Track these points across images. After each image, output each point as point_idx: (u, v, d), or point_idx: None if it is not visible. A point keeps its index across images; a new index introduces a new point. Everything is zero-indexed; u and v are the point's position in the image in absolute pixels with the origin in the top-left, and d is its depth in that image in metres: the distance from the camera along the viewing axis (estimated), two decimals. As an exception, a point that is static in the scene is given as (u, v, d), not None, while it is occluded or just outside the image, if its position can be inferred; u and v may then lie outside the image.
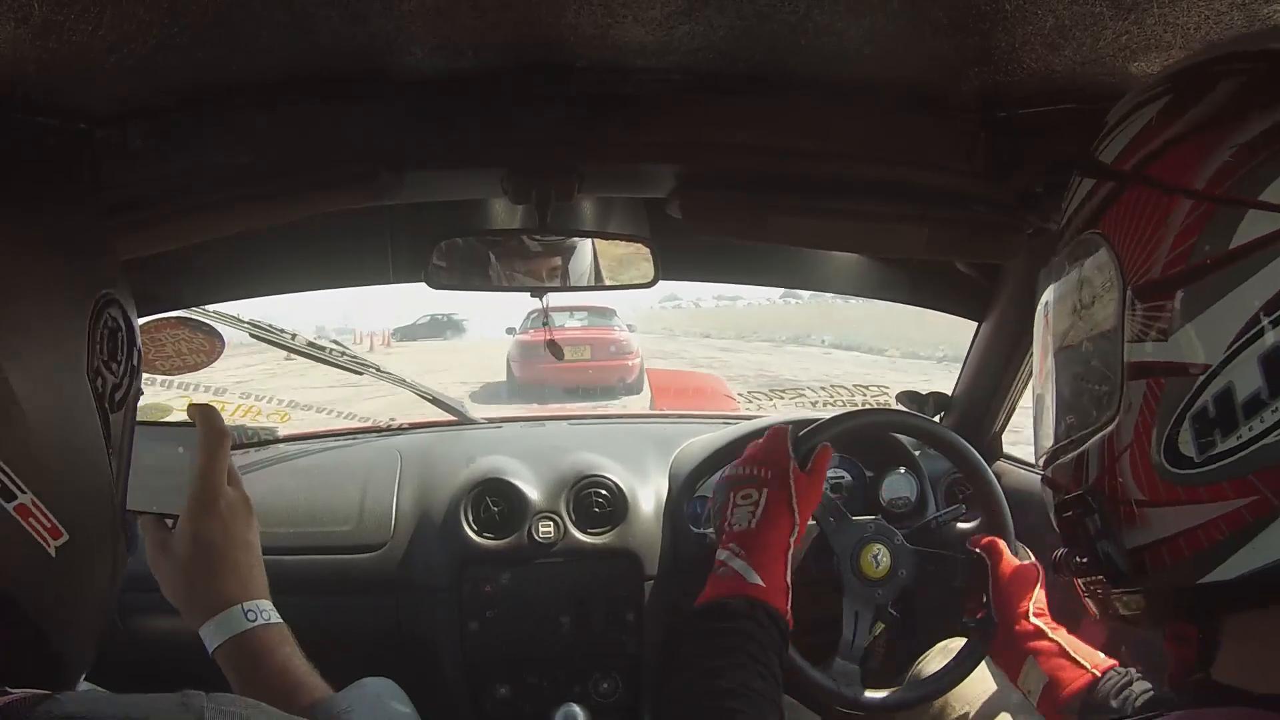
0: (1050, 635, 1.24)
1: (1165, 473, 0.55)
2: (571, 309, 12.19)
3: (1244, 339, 0.51)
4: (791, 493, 1.17)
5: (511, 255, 1.48)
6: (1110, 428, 0.59)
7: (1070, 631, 1.25)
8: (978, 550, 1.39)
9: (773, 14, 0.81)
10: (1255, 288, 0.51)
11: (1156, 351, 0.55)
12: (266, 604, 0.92)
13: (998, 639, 1.31)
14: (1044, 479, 0.70)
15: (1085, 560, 0.63)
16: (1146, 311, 0.56)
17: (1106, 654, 1.20)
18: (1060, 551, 0.67)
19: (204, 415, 0.92)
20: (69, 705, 0.53)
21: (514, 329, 12.67)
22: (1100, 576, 0.62)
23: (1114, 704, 1.11)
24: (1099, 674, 1.16)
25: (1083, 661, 1.18)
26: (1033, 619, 1.26)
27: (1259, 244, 0.51)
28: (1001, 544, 1.37)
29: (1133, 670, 1.15)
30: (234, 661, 0.88)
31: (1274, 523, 0.51)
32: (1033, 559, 1.36)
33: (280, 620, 0.92)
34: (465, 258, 1.46)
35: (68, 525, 0.61)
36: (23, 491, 0.57)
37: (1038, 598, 1.29)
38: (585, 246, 1.53)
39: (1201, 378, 0.53)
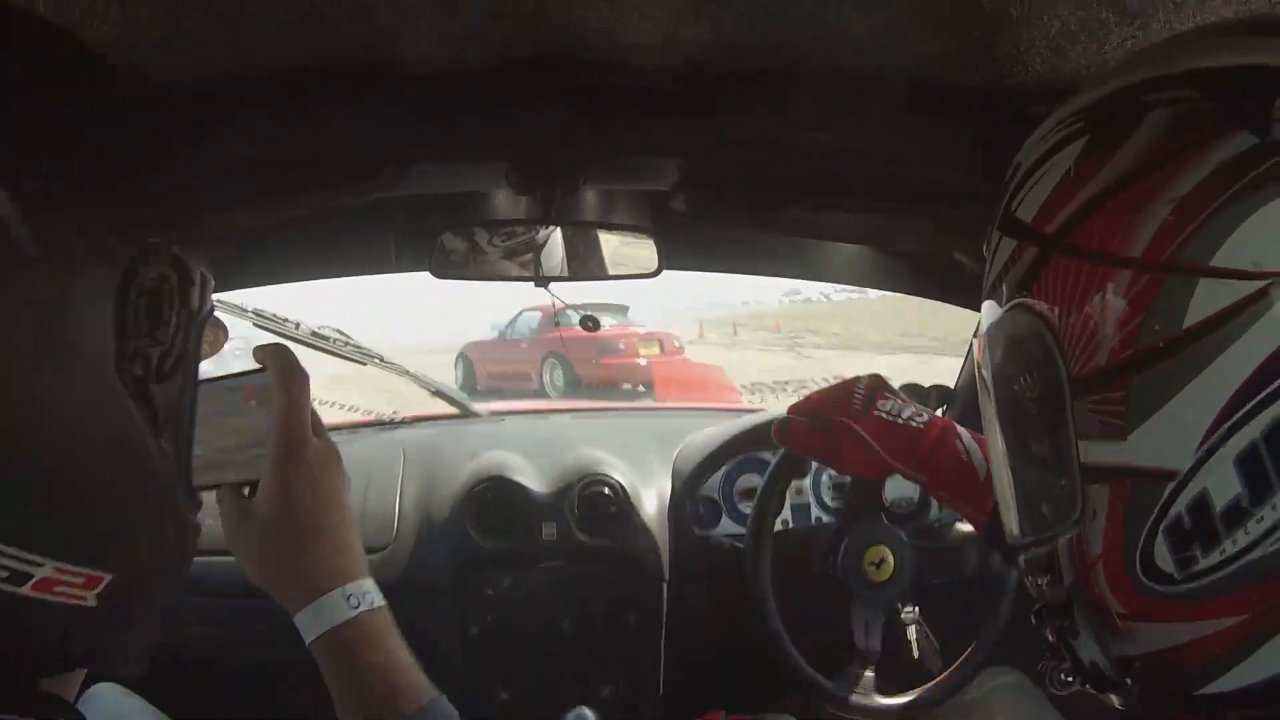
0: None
1: (1145, 589, 0.48)
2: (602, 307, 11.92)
3: (1214, 437, 0.43)
4: None
5: (516, 245, 1.48)
6: (1078, 537, 0.51)
7: None
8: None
9: (780, 11, 0.82)
10: (1221, 374, 0.43)
11: (1115, 453, 0.47)
12: (369, 583, 0.78)
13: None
14: (1021, 562, 0.61)
15: (1070, 679, 0.56)
16: (1096, 405, 0.48)
17: None
18: (1046, 664, 0.60)
19: (277, 354, 0.79)
20: None
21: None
22: (1088, 685, 0.56)
23: None
24: None
25: None
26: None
27: (1219, 320, 0.43)
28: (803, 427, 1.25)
29: None
30: (333, 655, 0.75)
31: (1271, 641, 0.44)
32: None
33: (384, 602, 0.79)
34: (469, 248, 1.46)
35: (106, 565, 0.52)
36: (38, 565, 0.48)
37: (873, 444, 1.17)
38: (589, 236, 1.53)
39: (1171, 485, 0.45)
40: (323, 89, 0.98)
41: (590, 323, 1.67)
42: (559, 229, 1.47)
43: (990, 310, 0.57)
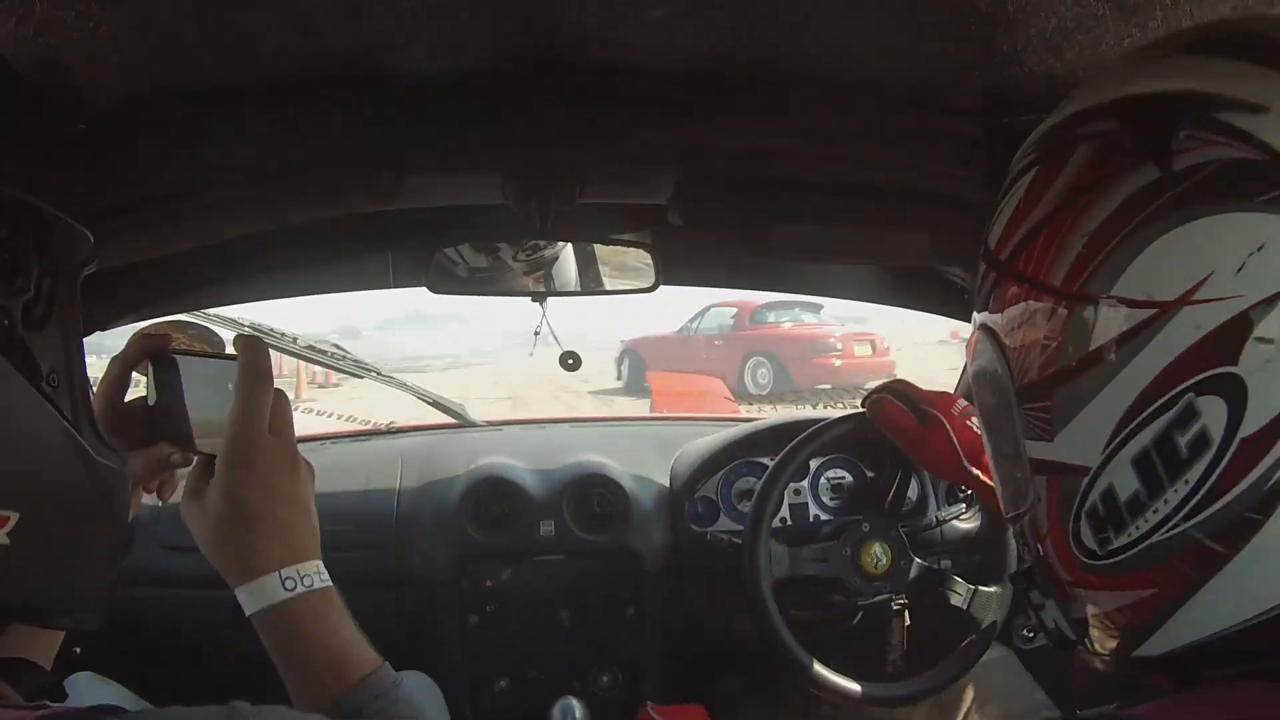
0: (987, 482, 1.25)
1: (1079, 561, 0.55)
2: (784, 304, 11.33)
3: (1116, 441, 0.50)
4: None
5: (513, 261, 1.48)
6: (1032, 516, 0.59)
7: None
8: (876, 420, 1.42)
9: (774, 15, 0.82)
10: (1120, 389, 0.49)
11: (1046, 451, 0.55)
12: (312, 565, 0.80)
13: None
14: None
15: (1031, 635, 0.63)
16: (1032, 412, 0.55)
17: None
18: (1016, 622, 0.67)
19: (246, 350, 0.80)
20: None
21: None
22: (1048, 644, 0.63)
23: None
24: None
25: None
26: (970, 469, 1.30)
27: (1116, 344, 0.49)
28: (894, 410, 1.38)
29: None
30: (272, 632, 0.77)
31: (1180, 610, 0.50)
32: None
33: (328, 583, 0.81)
34: (467, 263, 1.46)
35: (12, 502, 0.54)
36: None
37: (964, 446, 1.31)
38: (586, 252, 1.53)
39: (1086, 479, 0.52)
40: (318, 95, 0.98)
41: (571, 360, 1.65)
42: (569, 246, 1.48)
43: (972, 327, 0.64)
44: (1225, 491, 0.47)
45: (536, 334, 1.63)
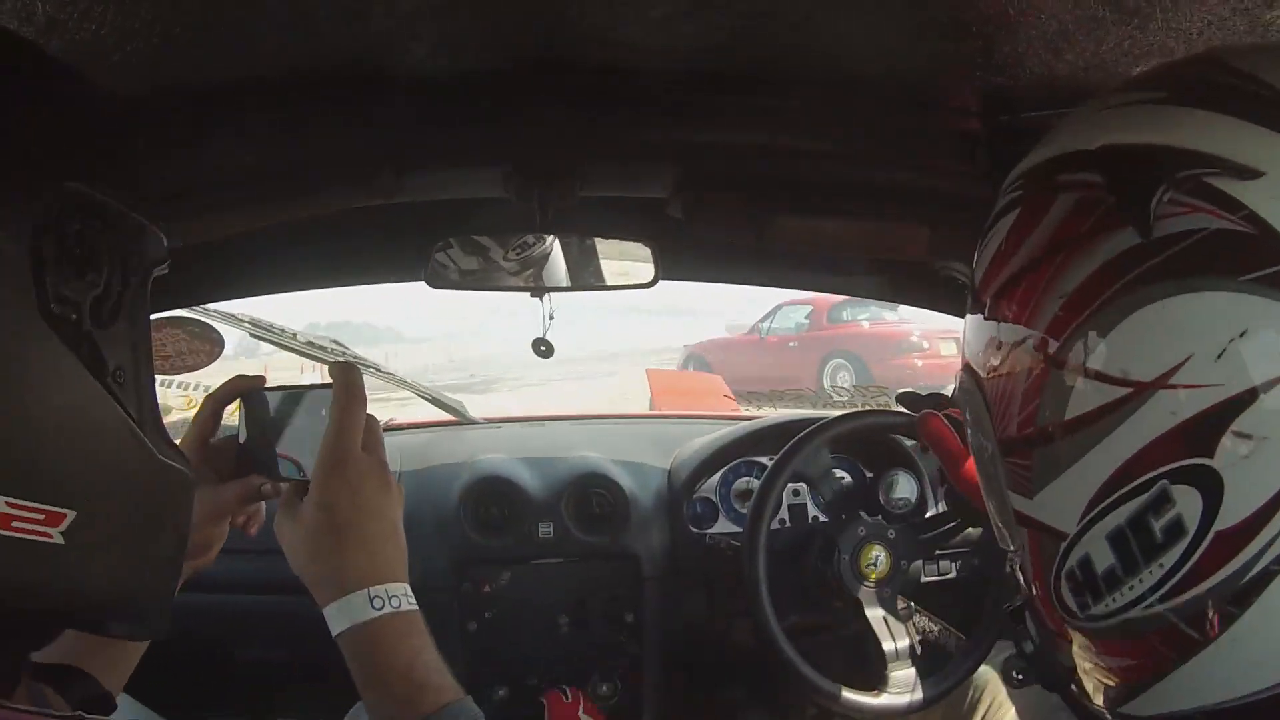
0: None
1: (1061, 616, 0.53)
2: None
3: (1093, 514, 0.47)
4: None
5: (502, 260, 1.48)
6: (1020, 559, 0.57)
7: None
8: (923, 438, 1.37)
9: (775, 14, 0.82)
10: (1095, 463, 0.47)
11: (1027, 507, 0.52)
12: (400, 587, 0.82)
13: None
14: None
15: (1020, 677, 0.63)
16: (1011, 466, 0.53)
17: None
18: (1009, 659, 0.66)
19: (342, 373, 0.85)
20: None
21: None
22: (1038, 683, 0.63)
23: None
24: None
25: None
26: None
27: (1091, 418, 0.47)
28: (945, 429, 1.33)
29: None
30: (356, 652, 0.79)
31: (1160, 682, 0.48)
32: None
33: (414, 606, 0.82)
34: (466, 257, 1.46)
35: (68, 499, 0.53)
36: None
37: None
38: (586, 246, 1.53)
39: (1064, 544, 0.50)
40: (319, 93, 0.98)
41: (544, 347, 1.65)
42: (560, 241, 1.47)
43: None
44: (1200, 581, 0.45)
45: (551, 318, 1.64)
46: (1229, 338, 0.42)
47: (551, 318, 1.66)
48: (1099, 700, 0.55)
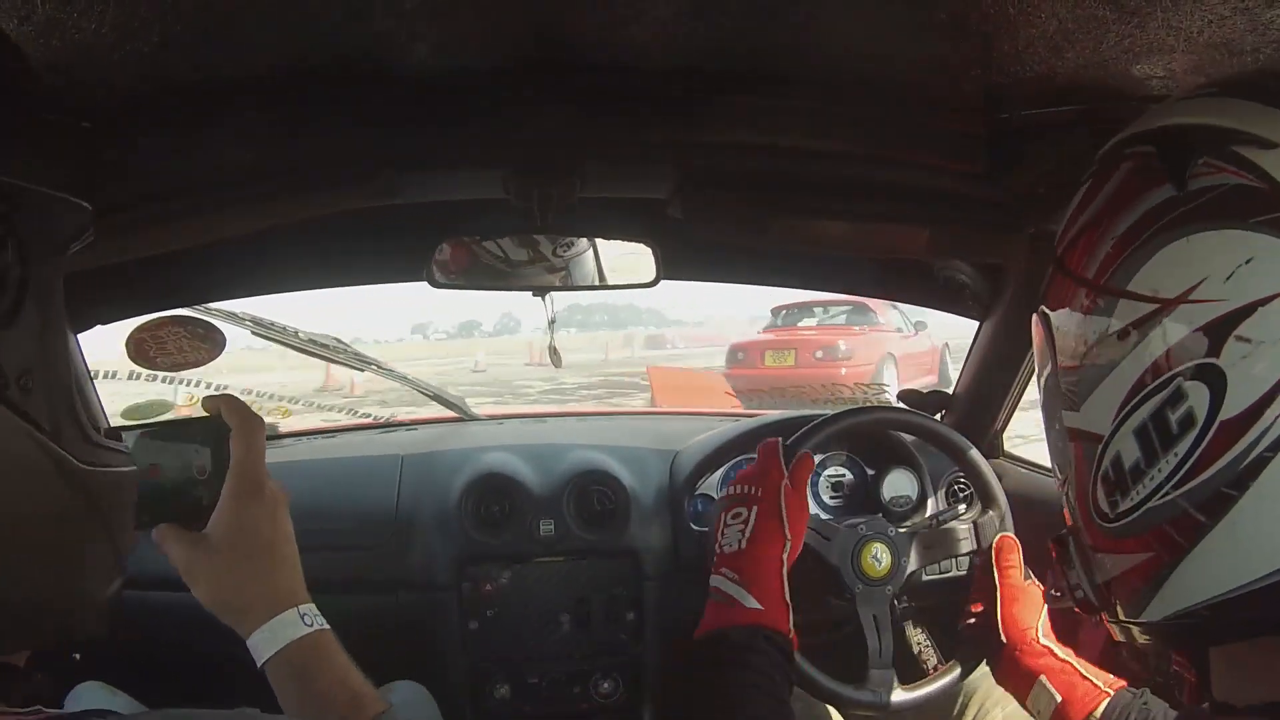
0: (1060, 654, 1.22)
1: (1097, 525, 0.62)
2: (824, 305, 11.05)
3: (1123, 413, 0.58)
4: (781, 508, 1.15)
5: (512, 255, 1.47)
6: (1067, 480, 0.66)
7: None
8: (994, 558, 1.37)
9: (776, 14, 0.82)
10: (1128, 369, 0.57)
11: (1075, 420, 0.63)
12: (313, 605, 0.82)
13: (1004, 661, 1.28)
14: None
15: (1058, 594, 0.70)
16: (1066, 384, 0.63)
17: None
18: (1050, 582, 0.71)
19: (233, 406, 0.83)
20: None
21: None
22: (1075, 608, 0.69)
23: None
24: (1112, 692, 1.15)
25: (1095, 680, 1.17)
26: (1042, 640, 1.24)
27: (1128, 330, 0.57)
28: (1014, 560, 1.35)
29: (1146, 690, 1.13)
30: (290, 671, 0.78)
31: (1172, 574, 0.57)
32: (1033, 580, 1.35)
33: (327, 625, 0.82)
34: (466, 257, 1.46)
35: None
36: None
37: (1044, 619, 1.27)
38: (587, 247, 1.53)
39: (1100, 446, 0.60)
40: (319, 93, 0.98)
41: (554, 355, 1.67)
42: (559, 241, 1.47)
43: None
44: (1207, 466, 0.54)
45: (552, 322, 1.64)
46: (1237, 264, 0.53)
47: (553, 321, 1.66)
48: (1124, 613, 0.63)
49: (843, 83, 0.99)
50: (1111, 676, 1.18)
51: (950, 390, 1.92)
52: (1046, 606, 1.29)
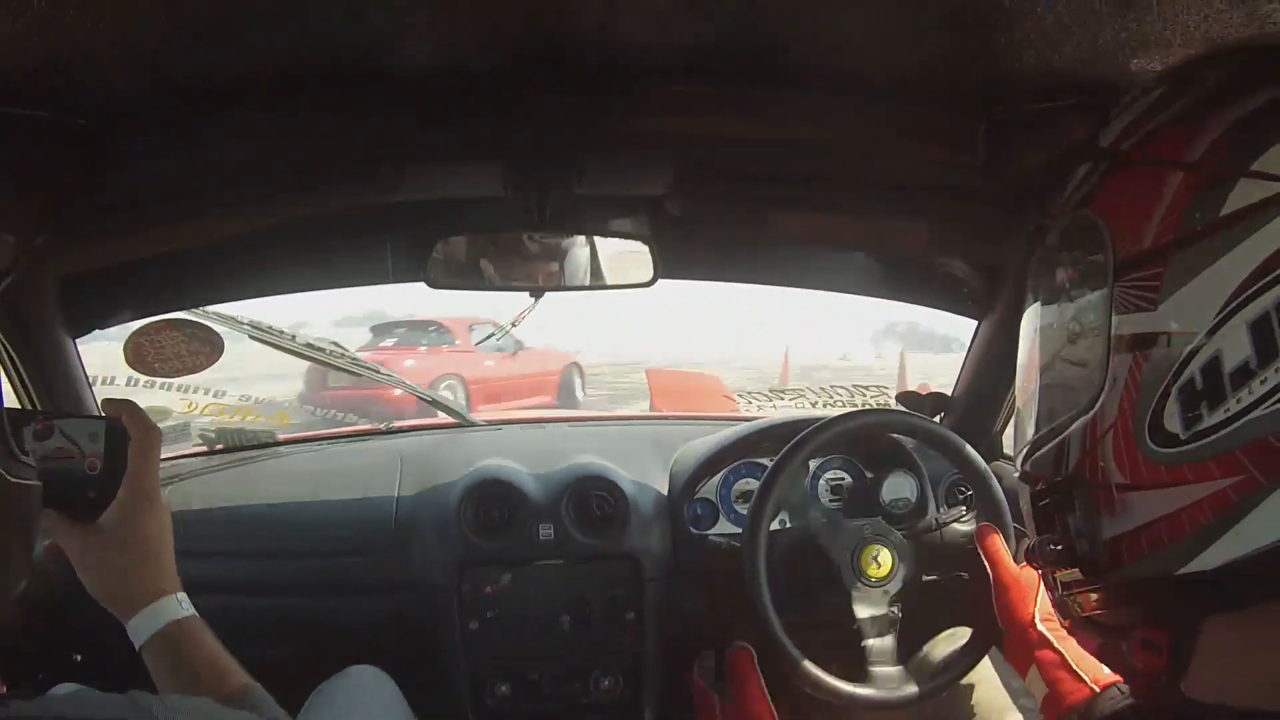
0: (1054, 645, 1.20)
1: (1149, 452, 0.54)
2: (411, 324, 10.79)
3: (1232, 306, 0.50)
4: None
5: (510, 254, 1.47)
6: (1094, 410, 0.58)
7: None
8: (980, 549, 1.38)
9: (772, 9, 0.82)
10: (1244, 254, 0.50)
11: (1144, 322, 0.55)
12: (186, 596, 0.92)
13: (1007, 647, 1.28)
14: (1021, 475, 0.69)
15: (1060, 547, 0.61)
16: (1135, 281, 0.55)
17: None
18: (1033, 540, 0.65)
19: (135, 416, 0.92)
20: (15, 709, 0.52)
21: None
22: (1074, 568, 0.61)
23: None
24: (1098, 689, 1.12)
25: (1083, 675, 1.15)
26: (1039, 625, 1.24)
27: (1249, 211, 0.51)
28: (1001, 547, 1.36)
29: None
30: (166, 650, 0.88)
31: (1261, 504, 0.49)
32: (1027, 566, 1.35)
33: (196, 613, 0.92)
34: (464, 257, 1.46)
35: None
36: None
37: (1043, 602, 1.26)
38: (584, 246, 1.53)
39: (1189, 347, 0.52)
40: (317, 90, 0.98)
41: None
42: (554, 240, 1.47)
43: (1048, 235, 0.67)
44: None
45: (514, 325, 1.64)
46: None
47: (515, 325, 1.65)
48: (1152, 566, 0.55)
49: (840, 78, 0.99)
50: (1106, 672, 1.13)
51: (943, 393, 1.92)
52: (1044, 591, 1.26)
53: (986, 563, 1.34)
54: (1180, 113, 0.58)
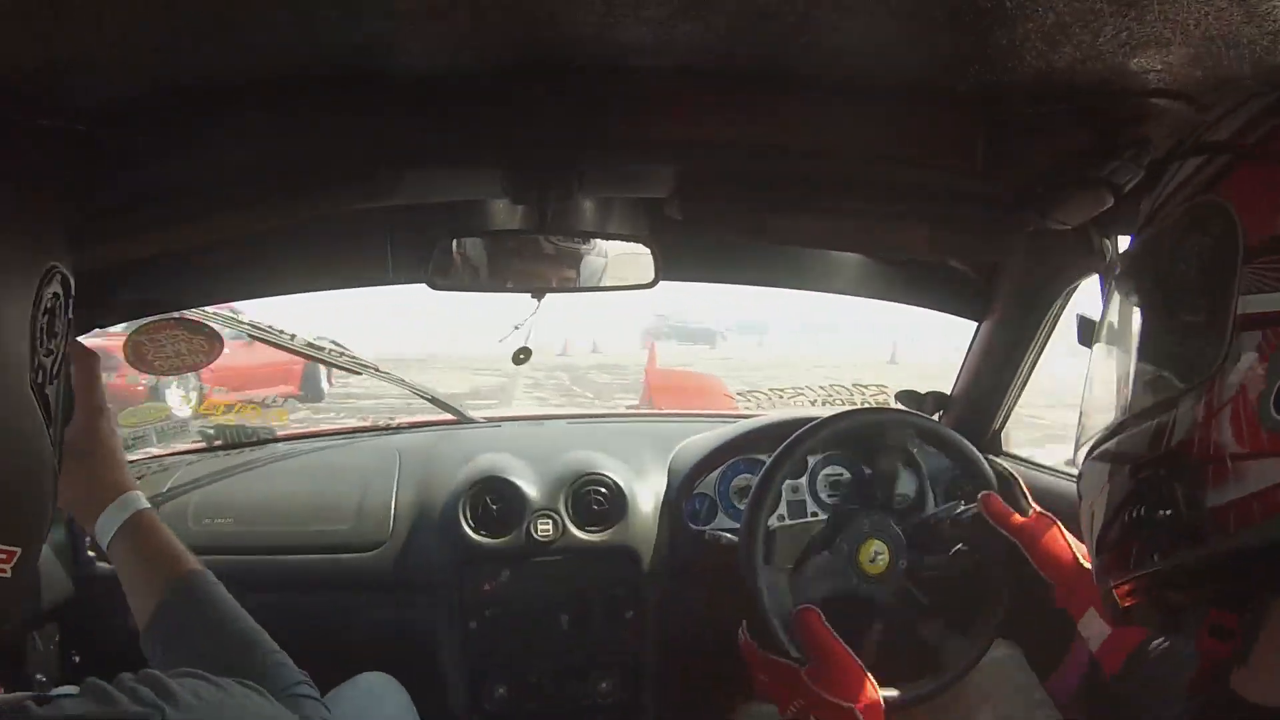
0: None
1: (1272, 422, 0.56)
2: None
3: None
4: (823, 696, 1.21)
5: (511, 256, 1.47)
6: (1210, 387, 0.60)
7: None
8: (986, 516, 1.38)
9: (772, 12, 0.81)
10: None
11: (1275, 302, 0.57)
12: (141, 494, 1.03)
13: (1059, 590, 1.27)
14: (1097, 457, 0.71)
15: (1170, 513, 0.62)
16: (1267, 265, 0.58)
17: None
18: (1136, 508, 0.66)
19: (73, 346, 0.99)
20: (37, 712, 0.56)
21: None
22: (1178, 530, 0.62)
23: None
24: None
25: None
26: (1084, 563, 1.23)
27: None
28: (1005, 506, 1.37)
29: None
30: (129, 541, 0.98)
31: None
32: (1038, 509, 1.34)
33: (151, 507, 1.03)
34: (465, 259, 1.46)
35: (18, 539, 0.62)
36: None
37: (1075, 543, 1.27)
38: (585, 247, 1.53)
39: None
40: (317, 94, 0.98)
41: (523, 355, 1.68)
42: (562, 246, 1.47)
43: (1158, 223, 0.70)
44: None
45: (516, 328, 1.64)
46: None
47: (516, 328, 1.65)
48: (1262, 533, 0.56)
49: (839, 80, 0.99)
50: None
51: (942, 392, 1.92)
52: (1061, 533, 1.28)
53: (999, 525, 1.35)
54: None
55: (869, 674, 1.26)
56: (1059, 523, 1.29)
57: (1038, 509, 1.34)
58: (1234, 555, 0.59)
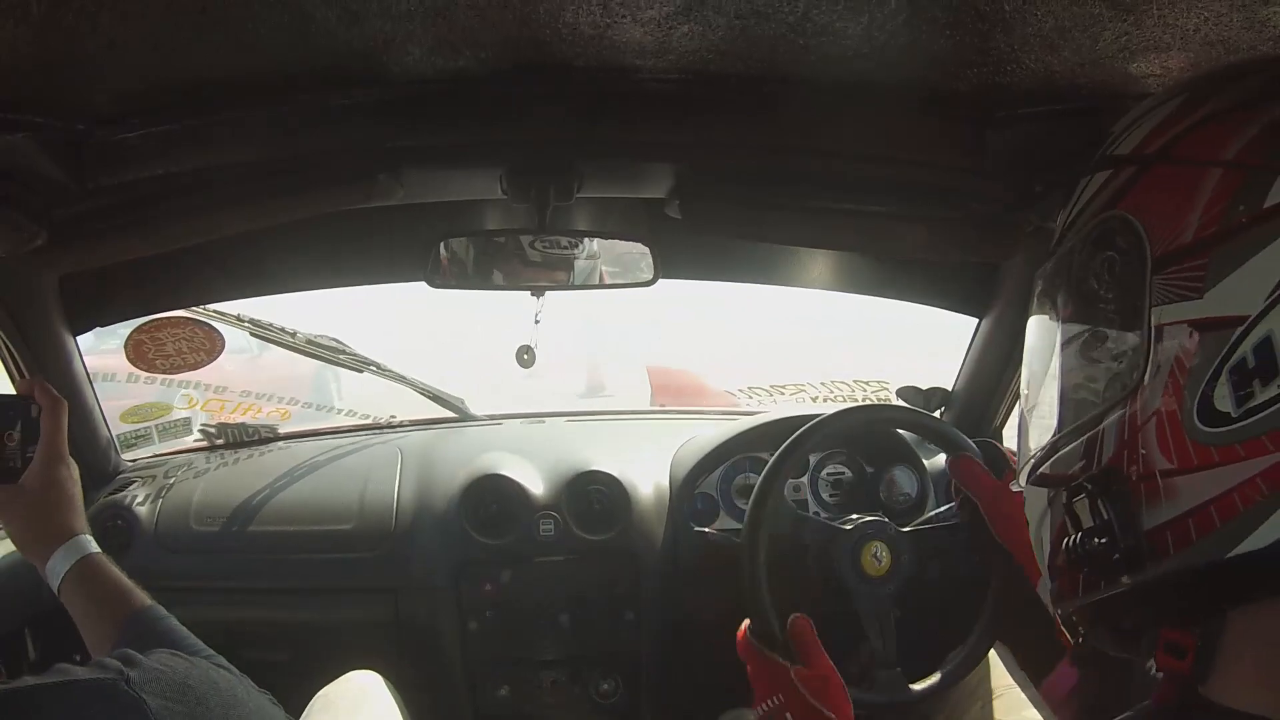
0: None
1: (1199, 434, 0.55)
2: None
3: None
4: (807, 699, 1.19)
5: (511, 255, 1.47)
6: (1132, 401, 0.59)
7: None
8: (957, 479, 1.41)
9: (771, 14, 0.81)
10: None
11: (1189, 310, 0.56)
12: (91, 538, 1.07)
13: (1024, 558, 1.26)
14: (1034, 480, 0.70)
15: (1104, 541, 0.60)
16: (1177, 274, 0.57)
17: None
18: (1072, 537, 0.63)
19: (43, 390, 1.08)
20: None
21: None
22: (1112, 564, 0.60)
23: None
24: None
25: None
26: None
27: None
28: (980, 468, 1.39)
29: None
30: (79, 581, 1.02)
31: None
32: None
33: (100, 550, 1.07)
34: (465, 258, 1.46)
35: None
36: None
37: None
38: (585, 247, 1.53)
39: (1240, 329, 0.53)
40: (317, 94, 0.98)
41: (526, 355, 1.69)
42: (560, 247, 1.47)
43: (1070, 239, 0.69)
44: None
45: (537, 322, 1.64)
46: None
47: (537, 322, 1.66)
48: (1201, 553, 0.55)
49: (839, 81, 0.99)
50: None
51: (944, 388, 1.92)
52: None
53: (968, 489, 1.38)
54: (1210, 113, 0.61)
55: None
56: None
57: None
58: (1177, 577, 0.57)
